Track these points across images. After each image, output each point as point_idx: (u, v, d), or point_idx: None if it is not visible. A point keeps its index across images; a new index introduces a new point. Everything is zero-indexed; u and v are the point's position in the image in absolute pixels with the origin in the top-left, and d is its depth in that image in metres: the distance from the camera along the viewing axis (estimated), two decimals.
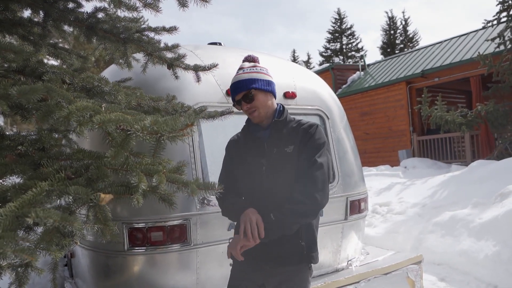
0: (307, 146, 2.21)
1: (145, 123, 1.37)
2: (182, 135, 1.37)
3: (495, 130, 11.53)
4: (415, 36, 41.58)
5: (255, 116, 2.30)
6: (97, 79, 2.03)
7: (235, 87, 2.30)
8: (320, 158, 2.18)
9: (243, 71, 2.32)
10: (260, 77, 2.30)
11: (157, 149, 1.49)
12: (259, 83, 2.27)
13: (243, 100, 2.28)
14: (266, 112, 2.32)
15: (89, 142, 3.16)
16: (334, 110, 4.13)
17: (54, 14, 2.43)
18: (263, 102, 2.29)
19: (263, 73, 2.33)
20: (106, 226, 1.53)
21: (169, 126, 1.35)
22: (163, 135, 1.37)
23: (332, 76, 19.40)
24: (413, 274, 4.03)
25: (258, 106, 2.27)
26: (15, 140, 1.81)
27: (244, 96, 2.27)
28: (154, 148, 1.51)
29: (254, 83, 2.26)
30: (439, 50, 15.96)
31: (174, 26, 2.59)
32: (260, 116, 2.30)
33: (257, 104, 2.27)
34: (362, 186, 4.17)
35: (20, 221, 1.08)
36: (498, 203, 5.91)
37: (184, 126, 1.35)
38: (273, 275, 2.27)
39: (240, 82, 2.28)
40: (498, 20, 11.72)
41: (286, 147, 2.25)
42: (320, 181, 2.13)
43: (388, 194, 8.97)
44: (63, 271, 4.59)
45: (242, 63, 2.42)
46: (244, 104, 2.28)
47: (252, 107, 2.27)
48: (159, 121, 1.38)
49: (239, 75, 2.31)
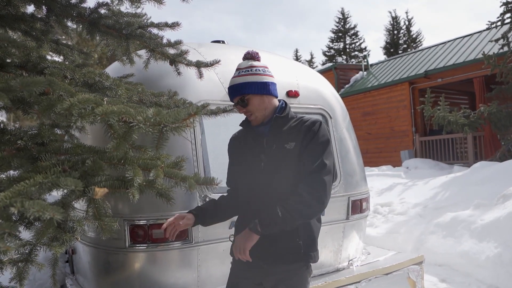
0: (311, 143, 2.19)
1: (147, 114, 1.36)
2: (185, 125, 1.36)
3: (498, 131, 11.50)
4: (418, 37, 41.47)
5: (252, 119, 2.32)
6: (98, 74, 2.02)
7: (230, 91, 2.31)
8: (328, 160, 2.16)
9: (238, 73, 2.31)
10: (255, 80, 2.26)
11: (160, 141, 1.48)
12: (252, 88, 2.25)
13: (238, 105, 2.29)
14: (263, 114, 2.31)
15: (90, 138, 3.15)
16: (337, 110, 4.12)
17: (57, 9, 2.42)
18: (258, 105, 2.28)
19: (259, 74, 2.29)
20: (101, 222, 1.52)
21: (172, 117, 1.34)
22: (166, 126, 1.36)
23: (335, 75, 19.38)
24: (414, 274, 4.02)
25: (253, 110, 2.28)
26: (15, 135, 1.80)
27: (239, 101, 2.28)
28: (157, 140, 1.49)
29: (246, 88, 2.24)
30: (442, 51, 15.93)
31: (177, 22, 2.58)
32: (257, 119, 2.31)
33: (252, 109, 2.27)
34: (364, 186, 4.16)
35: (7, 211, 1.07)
36: (500, 205, 5.89)
37: (187, 116, 1.34)
38: (271, 273, 2.26)
39: (233, 87, 2.28)
40: (502, 21, 11.70)
41: (286, 143, 2.23)
42: (328, 186, 2.14)
43: (390, 194, 8.96)
44: (64, 267, 4.58)
45: (241, 61, 2.40)
46: (240, 108, 2.30)
47: (247, 111, 2.29)
48: (162, 112, 1.37)
49: (234, 79, 2.31)
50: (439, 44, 17.02)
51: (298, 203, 2.09)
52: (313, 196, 2.09)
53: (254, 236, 2.10)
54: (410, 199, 8.05)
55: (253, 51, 2.39)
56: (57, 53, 2.82)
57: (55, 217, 1.09)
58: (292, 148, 2.22)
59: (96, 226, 1.59)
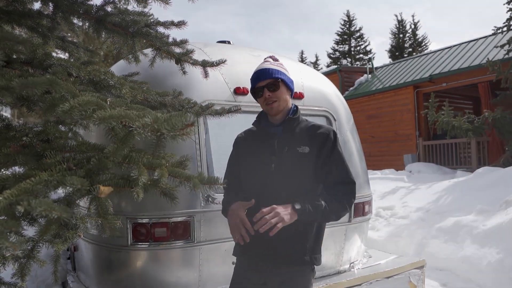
0: (335, 153, 2.28)
1: (145, 120, 1.35)
2: (182, 134, 1.36)
3: (502, 137, 11.47)
4: (424, 40, 41.39)
5: (274, 107, 2.27)
6: (103, 72, 2.02)
7: (260, 73, 2.28)
8: None
9: (270, 63, 2.34)
10: (286, 73, 2.33)
11: (157, 147, 1.48)
12: (285, 77, 2.30)
13: (266, 88, 2.25)
14: (284, 107, 2.31)
15: (95, 136, 3.16)
16: (341, 112, 4.11)
17: (64, 6, 2.43)
18: (285, 96, 2.30)
19: (288, 72, 2.36)
20: (105, 220, 1.52)
21: (169, 125, 1.33)
22: (163, 134, 1.36)
23: (340, 78, 19.37)
24: (415, 278, 4.01)
25: (280, 97, 2.26)
26: (20, 131, 1.81)
27: (268, 84, 2.25)
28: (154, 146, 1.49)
29: (281, 75, 2.28)
30: (447, 55, 15.90)
31: (183, 21, 2.58)
32: (278, 108, 2.28)
33: (280, 95, 2.26)
34: (366, 189, 4.16)
35: (13, 208, 1.07)
36: (503, 211, 5.88)
37: (184, 126, 1.34)
38: (275, 274, 2.25)
39: (267, 70, 2.27)
40: (508, 27, 11.68)
41: (299, 147, 2.24)
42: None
43: (392, 198, 8.94)
44: (66, 264, 4.59)
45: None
46: (266, 91, 2.25)
47: (274, 96, 2.25)
48: (160, 119, 1.36)
49: (265, 64, 2.33)
50: (444, 49, 16.98)
51: (337, 201, 2.20)
52: (348, 201, 2.24)
53: (294, 216, 2.08)
54: (413, 203, 8.03)
55: (275, 56, 2.46)
56: (63, 50, 2.83)
57: (62, 217, 1.09)
58: (306, 153, 2.23)
59: (98, 224, 1.59)
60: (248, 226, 2.09)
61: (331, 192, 2.21)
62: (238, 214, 2.15)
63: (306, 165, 2.22)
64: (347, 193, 2.25)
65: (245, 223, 2.11)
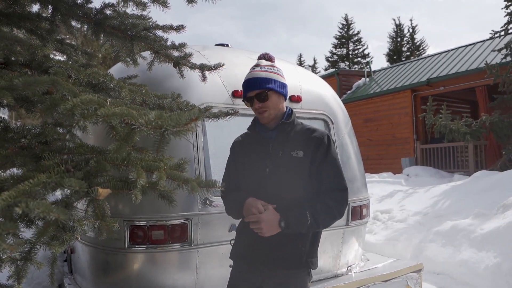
0: (328, 158, 2.25)
1: (149, 117, 1.36)
2: (186, 129, 1.36)
3: (499, 141, 11.51)
4: (422, 44, 41.47)
5: (265, 117, 2.28)
6: (102, 75, 2.02)
7: (250, 83, 2.27)
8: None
9: (260, 68, 2.30)
10: (276, 78, 2.28)
11: (161, 144, 1.48)
12: (275, 84, 2.26)
13: (255, 98, 2.25)
14: (276, 114, 2.30)
15: (93, 139, 3.15)
16: (339, 115, 4.12)
17: (63, 9, 2.43)
18: (275, 103, 2.27)
19: (280, 75, 2.32)
20: (103, 222, 1.52)
21: (174, 121, 1.34)
22: (167, 130, 1.36)
23: (337, 81, 19.39)
24: (412, 282, 4.01)
25: (270, 106, 2.25)
26: (18, 133, 1.81)
27: (257, 95, 2.24)
28: (158, 143, 1.49)
29: (270, 83, 2.24)
30: (445, 59, 15.95)
31: (181, 25, 2.59)
32: (269, 117, 2.28)
33: (270, 105, 2.25)
34: (364, 192, 4.16)
35: (11, 210, 1.07)
36: (500, 214, 5.88)
37: (189, 121, 1.35)
38: (271, 277, 2.25)
39: (256, 80, 2.25)
40: (506, 31, 11.73)
41: (293, 151, 2.24)
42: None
43: (390, 201, 8.95)
44: (63, 266, 4.58)
45: (258, 60, 2.40)
46: (256, 102, 2.25)
47: (264, 106, 2.25)
48: (164, 115, 1.37)
49: (255, 72, 2.29)
50: (442, 53, 17.05)
51: (325, 213, 2.17)
52: (338, 210, 2.20)
53: (276, 231, 2.13)
54: (410, 207, 8.04)
55: (270, 54, 2.43)
56: (61, 52, 2.83)
57: (59, 218, 1.09)
58: (300, 157, 2.23)
59: (95, 226, 1.59)
60: (261, 209, 2.14)
61: (323, 198, 2.20)
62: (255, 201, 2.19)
63: (300, 169, 2.23)
64: (339, 201, 2.22)
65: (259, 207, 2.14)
